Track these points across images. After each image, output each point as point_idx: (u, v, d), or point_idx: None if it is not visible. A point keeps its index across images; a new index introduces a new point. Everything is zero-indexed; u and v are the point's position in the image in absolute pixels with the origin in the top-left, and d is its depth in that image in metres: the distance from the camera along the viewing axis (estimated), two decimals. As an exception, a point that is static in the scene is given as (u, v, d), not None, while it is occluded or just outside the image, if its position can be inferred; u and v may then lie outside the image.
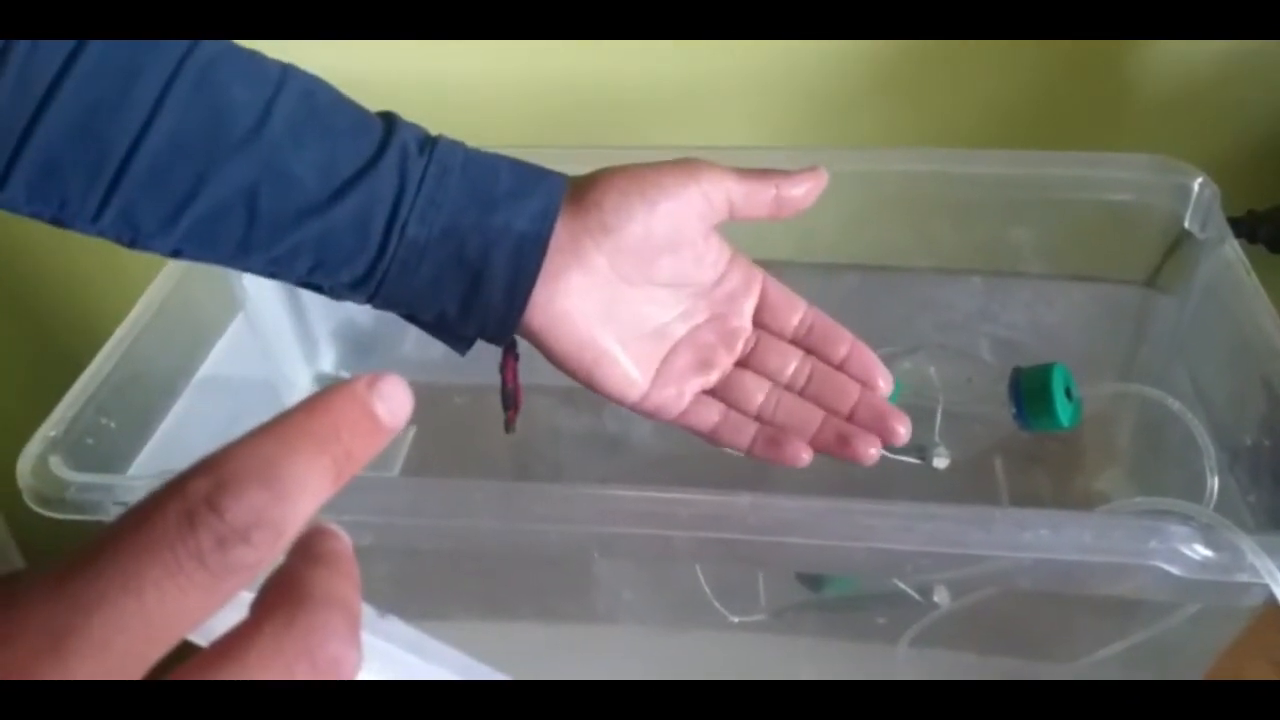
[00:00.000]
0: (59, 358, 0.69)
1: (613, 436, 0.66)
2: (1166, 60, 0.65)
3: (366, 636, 0.18)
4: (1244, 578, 0.39)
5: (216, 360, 0.60)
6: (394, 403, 0.19)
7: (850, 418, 0.41)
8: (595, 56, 0.67)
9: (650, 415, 0.42)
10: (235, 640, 0.17)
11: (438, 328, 0.41)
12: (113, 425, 0.50)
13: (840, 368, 0.42)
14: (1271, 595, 0.38)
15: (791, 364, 0.43)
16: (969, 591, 0.48)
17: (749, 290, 0.43)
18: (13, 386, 0.83)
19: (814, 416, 0.41)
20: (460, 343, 0.41)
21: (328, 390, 0.18)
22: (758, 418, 0.42)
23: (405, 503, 0.45)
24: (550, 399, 0.66)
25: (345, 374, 0.70)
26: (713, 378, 0.42)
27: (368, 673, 0.22)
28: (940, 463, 0.54)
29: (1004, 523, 0.40)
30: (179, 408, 0.56)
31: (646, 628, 0.57)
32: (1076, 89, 0.66)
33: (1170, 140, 0.65)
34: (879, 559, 0.44)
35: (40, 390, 0.52)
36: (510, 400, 0.44)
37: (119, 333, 0.53)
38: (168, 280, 0.57)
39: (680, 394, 0.42)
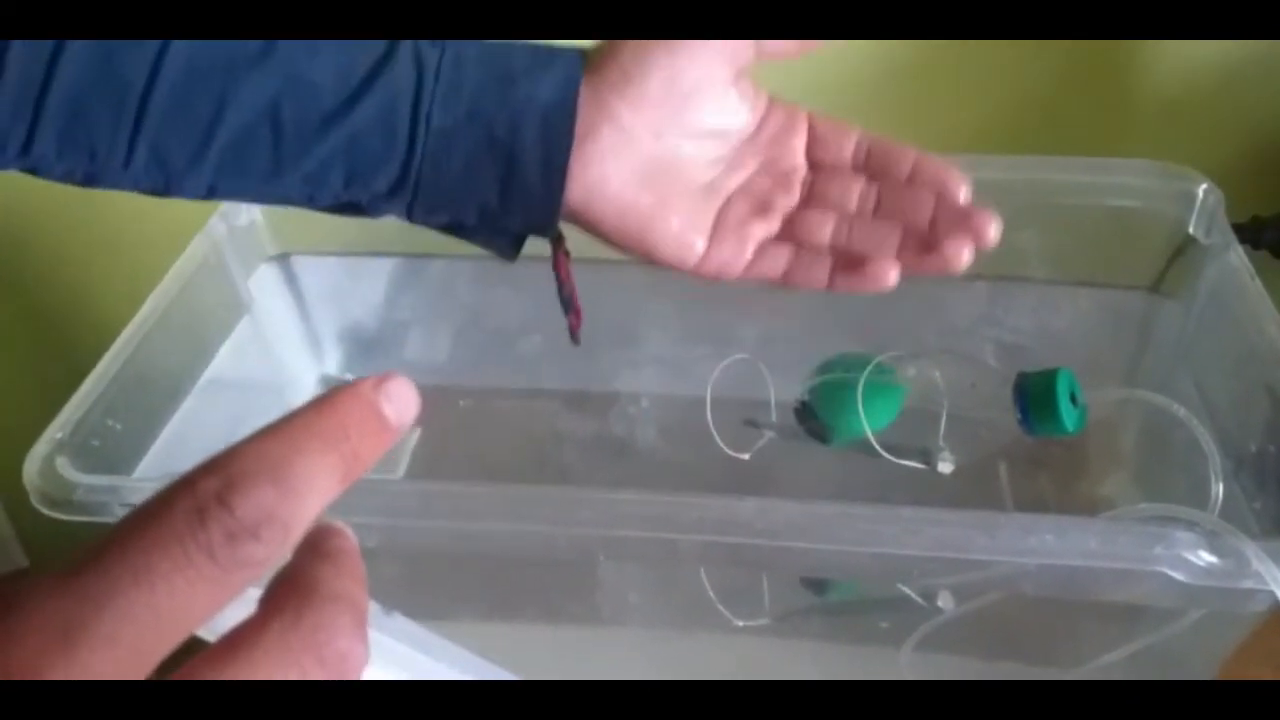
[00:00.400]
0: (66, 360, 0.69)
1: (618, 439, 0.66)
2: (1170, 66, 0.65)
3: (372, 634, 0.18)
4: (1249, 584, 0.39)
5: (222, 362, 0.60)
6: (401, 403, 0.19)
7: (931, 228, 0.38)
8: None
9: (715, 277, 0.39)
10: (243, 636, 0.17)
11: (483, 229, 0.39)
12: (119, 427, 0.50)
13: (909, 183, 0.39)
14: (1276, 601, 0.38)
15: (856, 190, 0.40)
16: (973, 596, 0.48)
17: (795, 128, 0.41)
18: (20, 388, 0.83)
19: (893, 233, 0.38)
20: (508, 245, 0.40)
21: (335, 390, 0.18)
22: (831, 250, 0.39)
23: (412, 505, 0.45)
24: (555, 402, 0.67)
25: (350, 376, 0.70)
26: (775, 223, 0.39)
27: (373, 670, 0.22)
28: (945, 467, 0.54)
29: (1008, 528, 0.40)
30: (185, 409, 0.56)
31: (651, 630, 0.57)
32: (1081, 95, 0.66)
33: (1174, 146, 0.65)
34: (883, 564, 0.44)
35: (47, 392, 0.53)
36: (569, 303, 0.42)
37: (125, 335, 0.54)
38: (174, 282, 0.57)
39: (742, 246, 0.39)
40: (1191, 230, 0.56)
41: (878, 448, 0.54)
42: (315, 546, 0.19)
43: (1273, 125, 0.66)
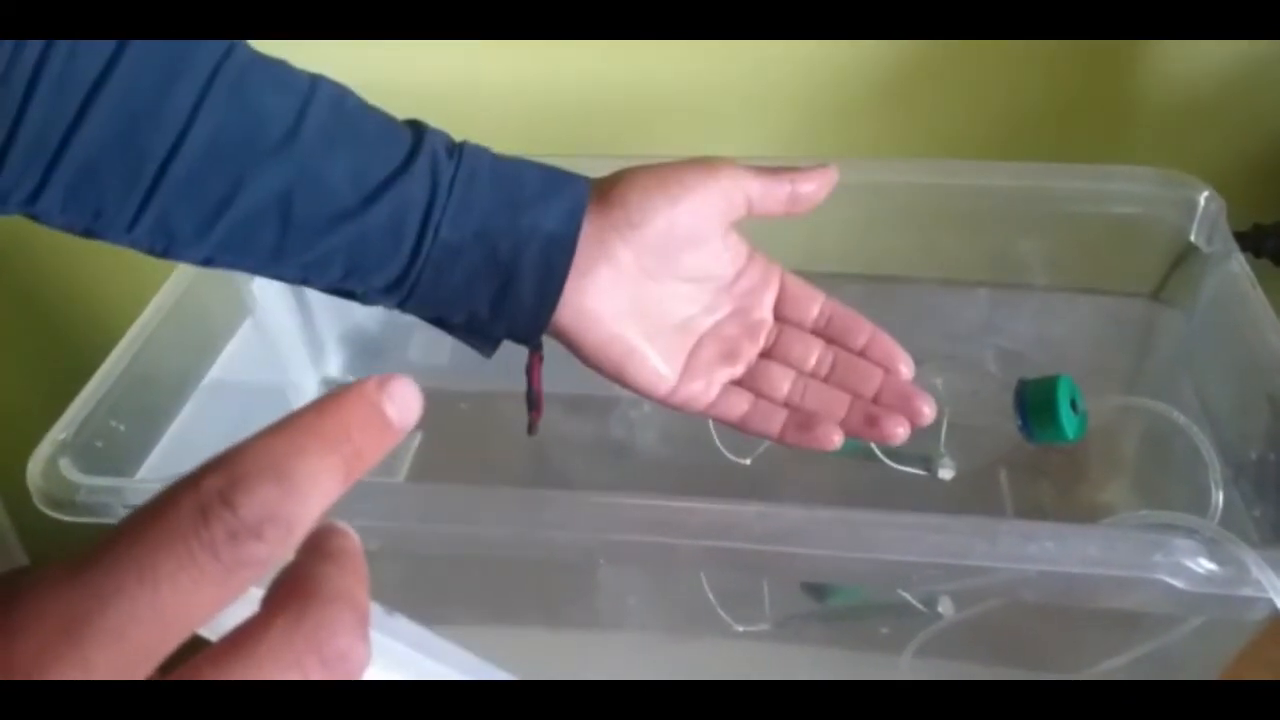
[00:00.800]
0: (69, 361, 0.69)
1: (618, 443, 0.66)
2: (1172, 73, 0.65)
3: (374, 634, 0.18)
4: (1248, 591, 0.39)
5: (225, 364, 0.60)
6: (403, 404, 0.19)
7: (875, 401, 0.42)
8: (598, 63, 0.68)
9: (680, 408, 0.43)
10: (246, 634, 0.17)
11: (466, 329, 0.41)
12: (122, 428, 0.51)
13: (862, 354, 0.43)
14: (1275, 609, 0.38)
15: (814, 353, 0.43)
16: (974, 602, 0.48)
17: (769, 283, 0.44)
18: (23, 389, 0.84)
19: (841, 400, 0.42)
20: (487, 344, 0.42)
21: (338, 391, 0.19)
22: (785, 405, 0.43)
23: (414, 508, 0.45)
24: (556, 406, 0.66)
25: (352, 378, 0.70)
26: (739, 368, 0.43)
27: (374, 670, 0.23)
28: (945, 474, 0.54)
29: (1008, 535, 0.40)
30: (188, 411, 0.56)
31: (651, 634, 0.57)
32: (1082, 102, 0.66)
33: (1176, 154, 0.65)
34: (883, 569, 0.44)
35: (50, 393, 0.53)
36: (534, 402, 0.44)
37: (129, 336, 0.54)
38: (178, 284, 0.57)
39: (709, 385, 0.42)
40: (1193, 238, 0.56)
41: (879, 454, 0.54)
42: (318, 546, 0.19)
43: (1274, 133, 0.66)
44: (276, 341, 0.66)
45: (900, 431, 0.41)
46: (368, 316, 0.70)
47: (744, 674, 0.57)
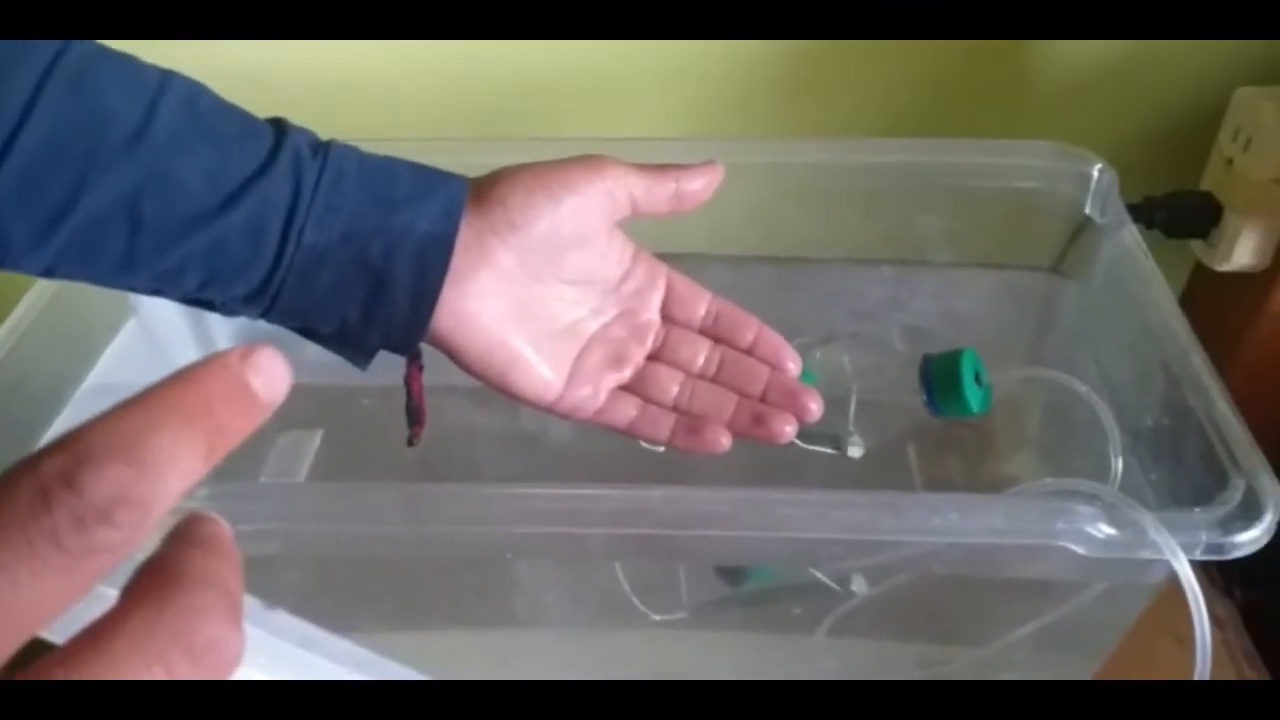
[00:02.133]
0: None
1: (530, 434, 0.65)
2: (1063, 50, 0.66)
3: (250, 629, 0.17)
4: (1147, 554, 0.39)
5: (106, 367, 0.57)
6: (270, 375, 0.18)
7: (763, 399, 0.42)
8: (500, 48, 0.66)
9: (566, 415, 0.42)
10: (101, 628, 0.15)
11: (338, 339, 0.39)
12: (-9, 438, 0.48)
13: (749, 352, 0.43)
14: (1172, 570, 0.39)
15: (702, 353, 0.43)
16: (885, 578, 0.48)
17: (655, 284, 0.43)
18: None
19: (728, 401, 0.42)
20: (361, 354, 0.40)
21: (198, 362, 0.17)
22: (674, 408, 0.42)
23: (312, 508, 0.44)
24: (464, 398, 0.65)
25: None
26: (626, 373, 0.42)
27: (251, 670, 0.21)
28: (855, 452, 0.54)
29: (914, 508, 0.41)
30: (65, 418, 0.53)
31: (568, 630, 0.56)
32: (976, 78, 0.67)
33: (1069, 128, 0.66)
34: (794, 548, 0.44)
35: (-90, 402, 0.49)
36: (415, 415, 0.43)
37: (-3, 338, 0.51)
38: (53, 281, 0.54)
39: (596, 391, 0.41)
40: (1088, 210, 0.58)
41: (789, 434, 0.54)
42: (184, 534, 0.17)
43: (1163, 107, 0.68)
44: (163, 341, 0.63)
45: (788, 430, 0.41)
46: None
47: (663, 663, 0.57)
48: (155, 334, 0.62)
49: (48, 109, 0.32)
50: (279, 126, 0.37)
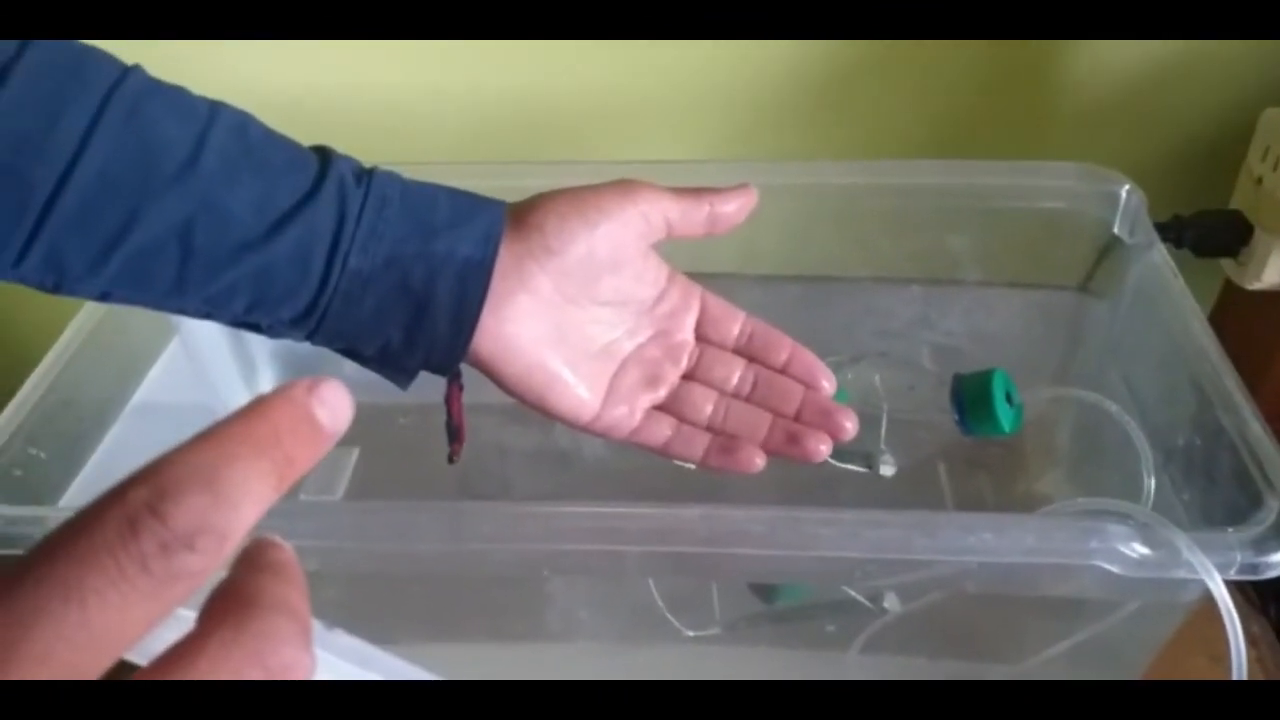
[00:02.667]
0: (-14, 387, 0.66)
1: (563, 451, 0.66)
2: (1089, 69, 0.66)
3: (317, 651, 0.18)
4: (1181, 574, 0.39)
5: (151, 386, 0.58)
6: (334, 407, 0.18)
7: (797, 418, 0.42)
8: (532, 72, 0.67)
9: (602, 435, 0.42)
10: (183, 649, 0.16)
11: (380, 361, 0.40)
12: (43, 455, 0.49)
13: (783, 371, 0.43)
14: (1206, 590, 0.39)
15: (736, 372, 0.43)
16: (917, 597, 0.49)
17: (689, 305, 0.44)
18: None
19: (763, 420, 0.42)
20: (403, 375, 0.41)
21: (267, 395, 0.18)
22: (708, 428, 0.43)
23: (351, 526, 0.44)
24: (498, 416, 0.66)
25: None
26: (661, 393, 0.43)
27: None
28: (887, 470, 0.54)
29: (948, 528, 0.41)
30: (112, 436, 0.54)
31: (601, 644, 0.57)
32: (1002, 101, 0.68)
33: (1097, 148, 0.67)
34: (828, 567, 0.44)
35: (-35, 421, 0.51)
36: (455, 433, 0.43)
37: (49, 359, 0.52)
38: (100, 304, 0.55)
39: (631, 411, 0.42)
40: (1116, 230, 0.58)
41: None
42: (253, 559, 0.18)
43: (1189, 126, 0.68)
44: (205, 361, 0.64)
45: (822, 449, 0.41)
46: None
47: (695, 679, 0.57)
48: (198, 354, 0.63)
49: (104, 140, 0.33)
50: (324, 155, 0.38)
